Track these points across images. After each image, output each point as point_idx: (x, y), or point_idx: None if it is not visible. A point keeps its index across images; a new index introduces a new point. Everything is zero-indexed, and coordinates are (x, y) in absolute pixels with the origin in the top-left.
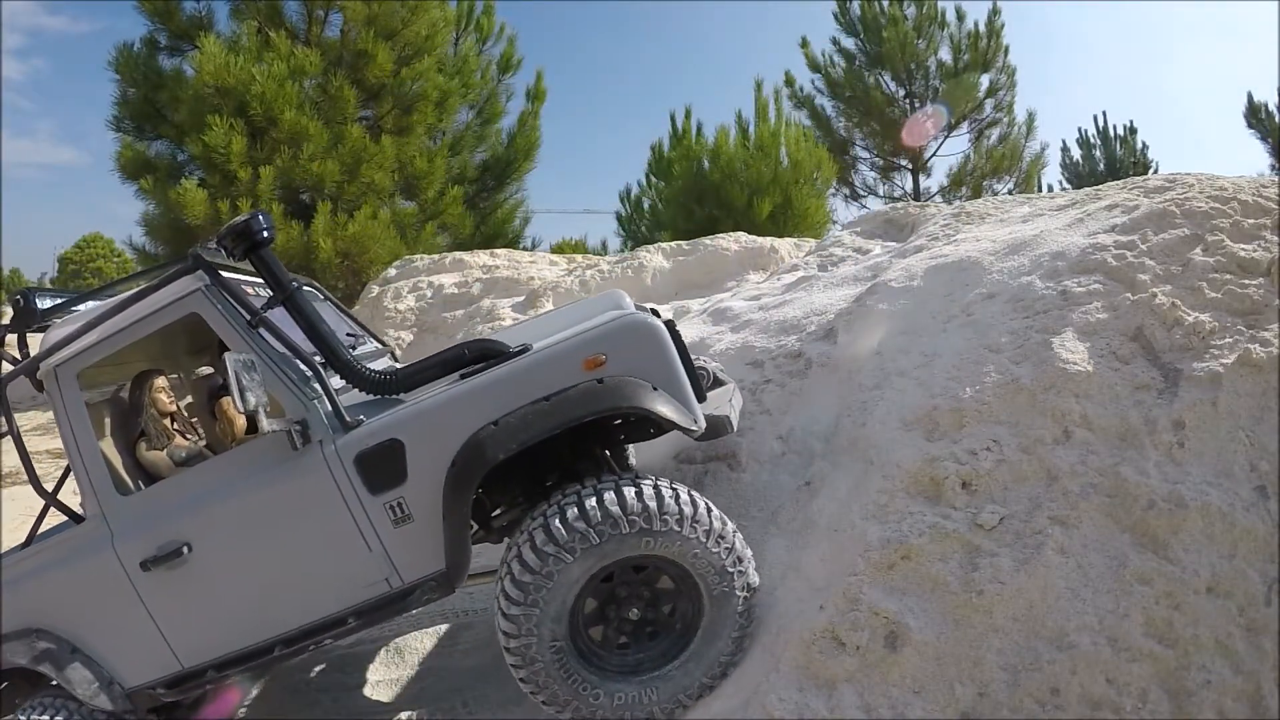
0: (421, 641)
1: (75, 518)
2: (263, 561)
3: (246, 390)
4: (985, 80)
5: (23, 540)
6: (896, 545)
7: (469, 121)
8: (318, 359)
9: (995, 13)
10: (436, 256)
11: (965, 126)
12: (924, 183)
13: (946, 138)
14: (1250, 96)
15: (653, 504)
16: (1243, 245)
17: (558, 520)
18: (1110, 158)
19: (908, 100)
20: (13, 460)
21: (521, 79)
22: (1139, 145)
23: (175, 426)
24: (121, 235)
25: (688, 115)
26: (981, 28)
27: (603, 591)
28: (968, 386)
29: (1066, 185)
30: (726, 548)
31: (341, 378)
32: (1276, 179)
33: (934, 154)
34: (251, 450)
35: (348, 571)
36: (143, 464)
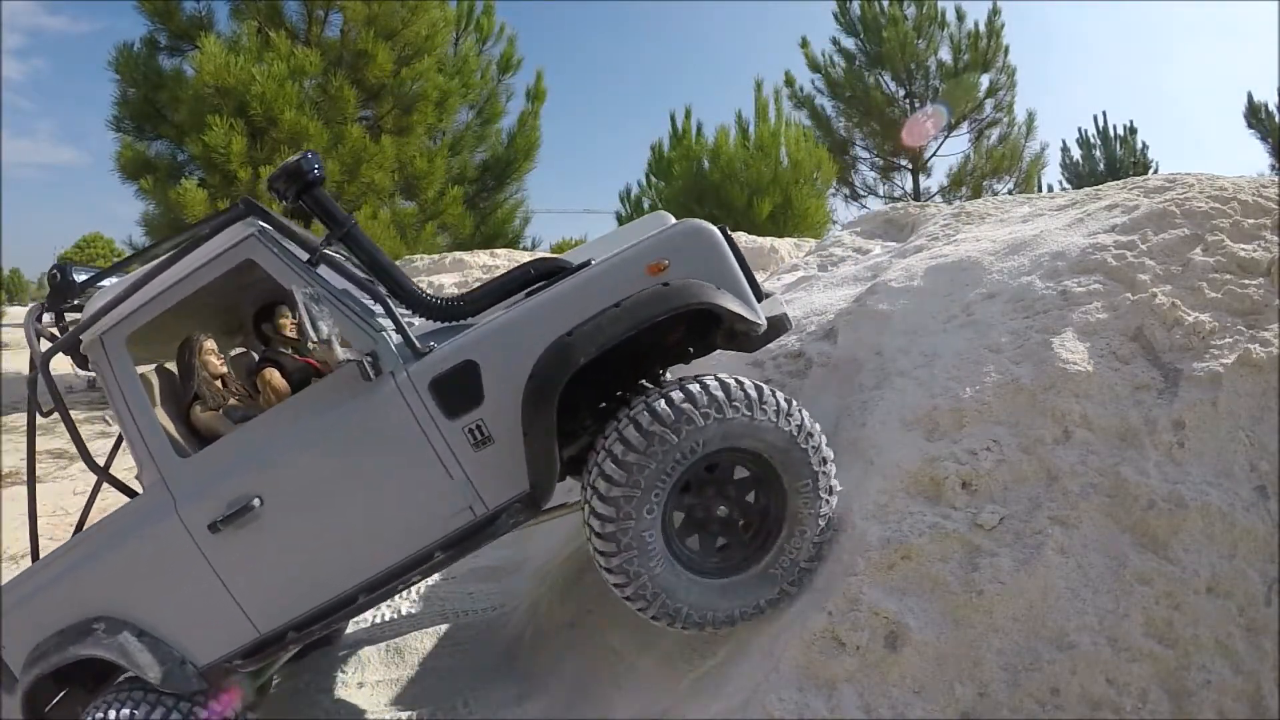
0: (421, 641)
1: (130, 492)
2: (340, 505)
3: (317, 320)
4: (985, 80)
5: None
6: (896, 545)
7: (469, 121)
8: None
9: (995, 13)
10: (436, 256)
11: (965, 126)
12: (924, 183)
13: (946, 138)
14: (1250, 96)
15: (720, 393)
16: (1243, 245)
17: (632, 429)
18: (1110, 158)
19: (908, 100)
20: (12, 460)
21: (521, 79)
22: (1139, 145)
23: (227, 389)
24: (121, 235)
25: (688, 115)
26: (981, 28)
27: (685, 498)
28: (968, 386)
29: (1066, 185)
30: (806, 434)
31: (407, 307)
32: (1276, 179)
33: (934, 154)
34: (318, 392)
35: (430, 504)
36: (199, 427)
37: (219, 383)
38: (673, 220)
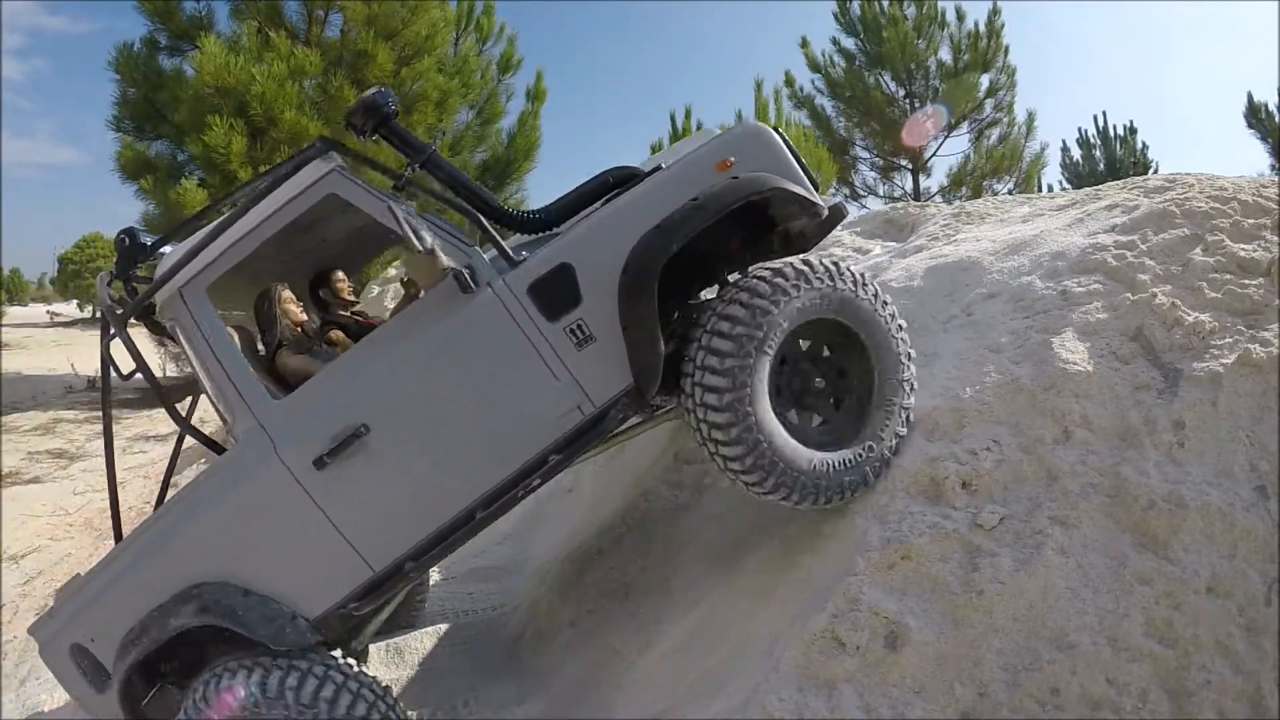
0: (421, 641)
1: (218, 448)
2: (451, 420)
3: (419, 230)
4: (985, 80)
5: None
6: (896, 545)
7: (469, 121)
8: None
9: (995, 13)
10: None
11: (965, 126)
12: (924, 183)
13: (946, 138)
14: (1250, 96)
15: (805, 268)
16: (1243, 245)
17: (735, 305)
18: (1110, 158)
19: (908, 100)
20: (12, 460)
21: (521, 79)
22: (1139, 145)
23: (309, 336)
24: None
25: (688, 115)
26: (981, 28)
27: (781, 372)
28: (968, 386)
29: (1066, 185)
30: (882, 302)
31: (495, 221)
32: (1276, 179)
33: (934, 154)
34: (414, 314)
35: (539, 408)
36: (287, 373)
37: (299, 329)
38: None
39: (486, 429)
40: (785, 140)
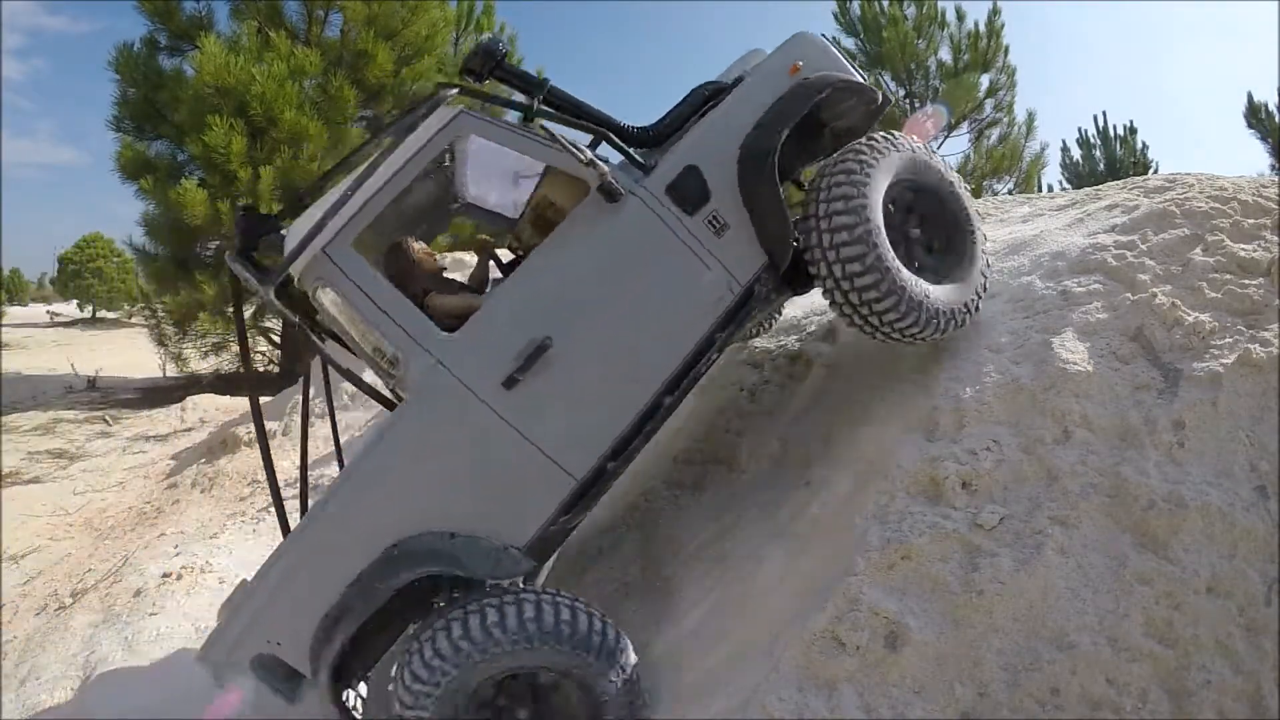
0: None
1: (390, 403)
2: (625, 319)
3: (577, 143)
4: (985, 80)
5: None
6: (896, 545)
7: None
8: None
9: (995, 13)
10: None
11: (965, 126)
12: None
13: (947, 138)
14: (1250, 96)
15: (885, 139)
16: (1243, 245)
17: (838, 183)
18: (1110, 158)
19: (908, 100)
20: (12, 460)
21: None
22: (1139, 145)
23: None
24: (121, 235)
25: None
26: (981, 28)
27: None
28: (968, 386)
29: (1066, 185)
30: (947, 168)
31: (619, 138)
32: (1276, 179)
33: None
34: (565, 232)
35: (697, 295)
36: (444, 313)
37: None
38: (766, 52)
39: (656, 321)
40: (836, 45)
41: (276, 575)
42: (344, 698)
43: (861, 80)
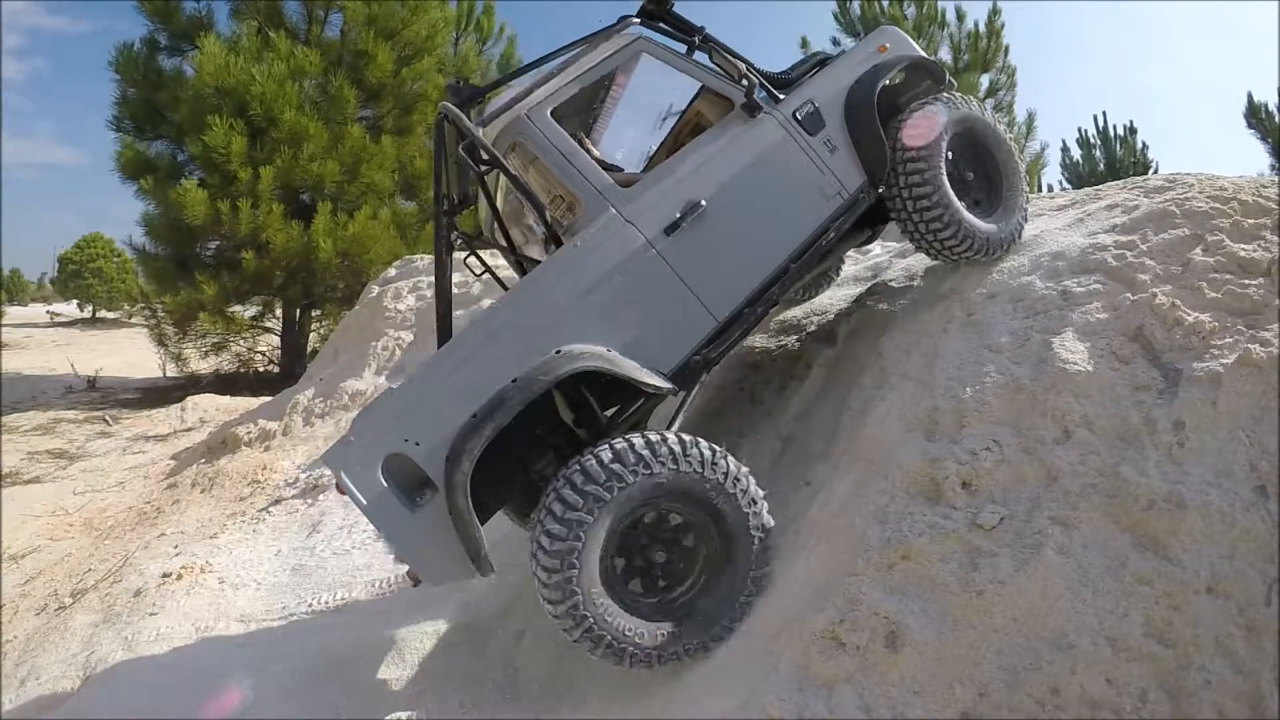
0: (421, 641)
1: (556, 240)
2: (760, 200)
3: (737, 58)
4: (985, 80)
5: None
6: (896, 545)
7: None
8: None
9: (995, 13)
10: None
11: None
12: None
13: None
14: (1250, 96)
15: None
16: (1243, 245)
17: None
18: (1110, 158)
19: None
20: (12, 460)
21: None
22: (1139, 145)
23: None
24: (121, 235)
25: None
26: (981, 28)
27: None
28: (968, 386)
29: (1066, 185)
30: (994, 117)
31: (761, 77)
32: (1276, 179)
33: None
34: (714, 133)
35: (815, 189)
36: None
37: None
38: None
39: (784, 204)
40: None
41: (433, 374)
42: (463, 509)
43: (932, 59)
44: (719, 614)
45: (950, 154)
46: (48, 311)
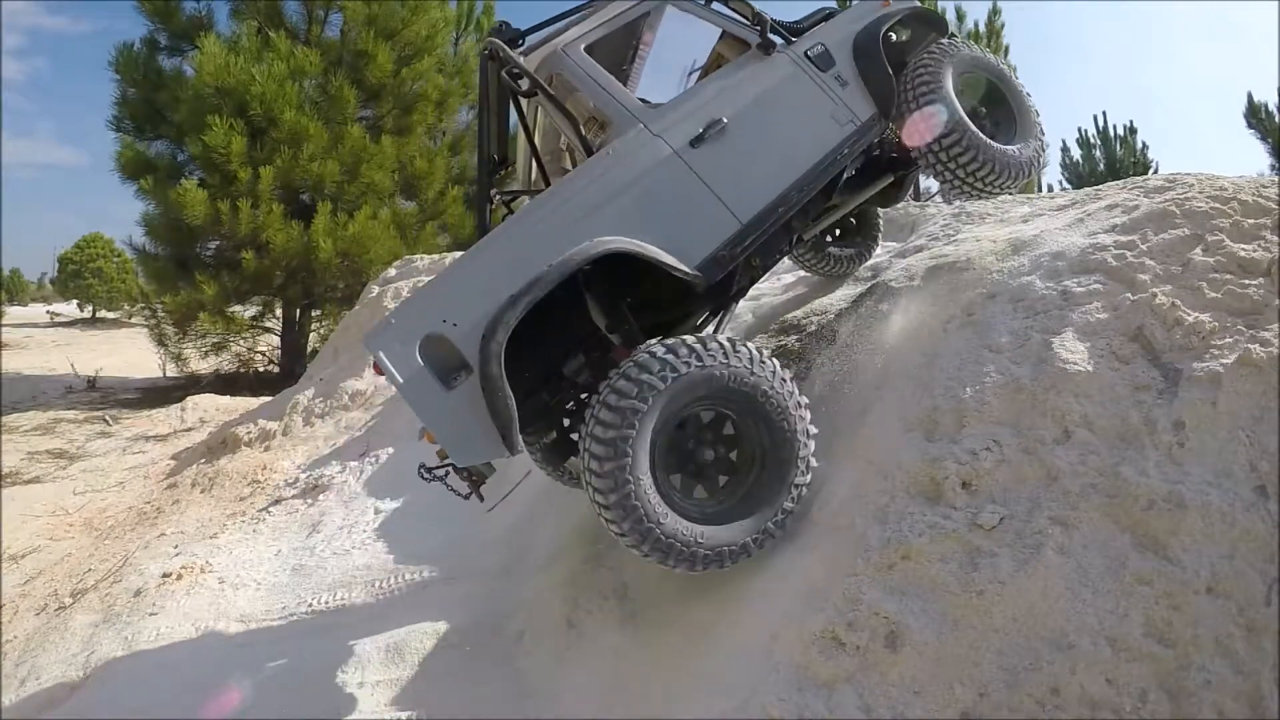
0: (421, 641)
1: (590, 155)
2: (778, 122)
3: (749, 14)
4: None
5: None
6: (896, 545)
7: (469, 121)
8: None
9: (995, 13)
10: (436, 256)
11: None
12: (924, 182)
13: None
14: (1250, 96)
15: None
16: (1243, 245)
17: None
18: (1110, 158)
19: None
20: (12, 460)
21: None
22: (1139, 145)
23: None
24: (121, 235)
25: None
26: (981, 28)
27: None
28: (968, 386)
29: (1066, 185)
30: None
31: (778, 25)
32: (1276, 179)
33: None
34: (734, 66)
35: (828, 115)
36: None
37: None
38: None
39: (799, 126)
40: None
41: (472, 261)
42: (498, 377)
43: (932, 10)
44: (762, 519)
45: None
46: (48, 311)
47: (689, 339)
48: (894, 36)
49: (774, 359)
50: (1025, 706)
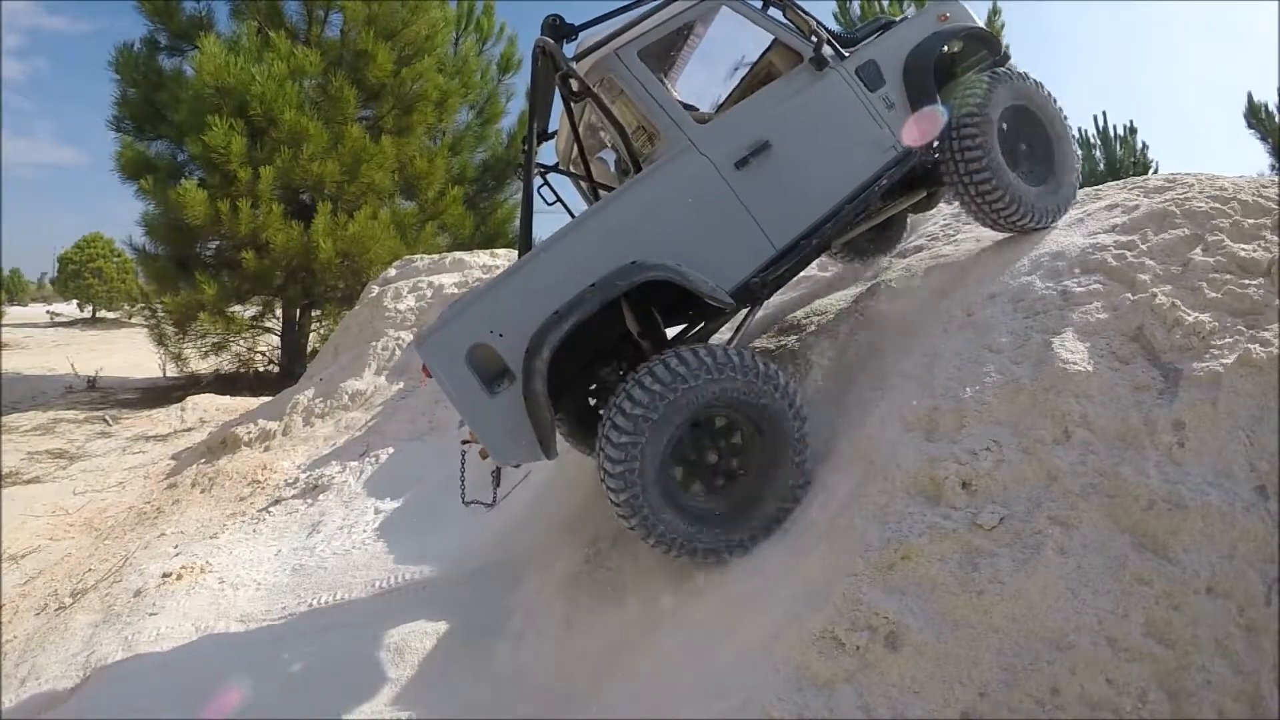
0: (421, 641)
1: (638, 166)
2: (822, 144)
3: (808, 15)
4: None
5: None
6: (896, 545)
7: (469, 121)
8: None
9: (995, 13)
10: (436, 256)
11: None
12: None
13: None
14: (1250, 96)
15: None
16: (1243, 245)
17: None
18: (1110, 158)
19: None
20: (12, 460)
21: (522, 79)
22: (1139, 145)
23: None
24: (121, 235)
25: None
26: None
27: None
28: (968, 387)
29: None
30: (1047, 92)
31: (831, 36)
32: (1276, 179)
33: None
34: (783, 82)
35: (871, 140)
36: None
37: None
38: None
39: (842, 151)
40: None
41: (520, 274)
42: (540, 393)
43: (988, 31)
44: (761, 519)
45: (1004, 126)
46: (48, 311)
47: (703, 351)
48: (945, 48)
49: (784, 373)
50: (1025, 706)
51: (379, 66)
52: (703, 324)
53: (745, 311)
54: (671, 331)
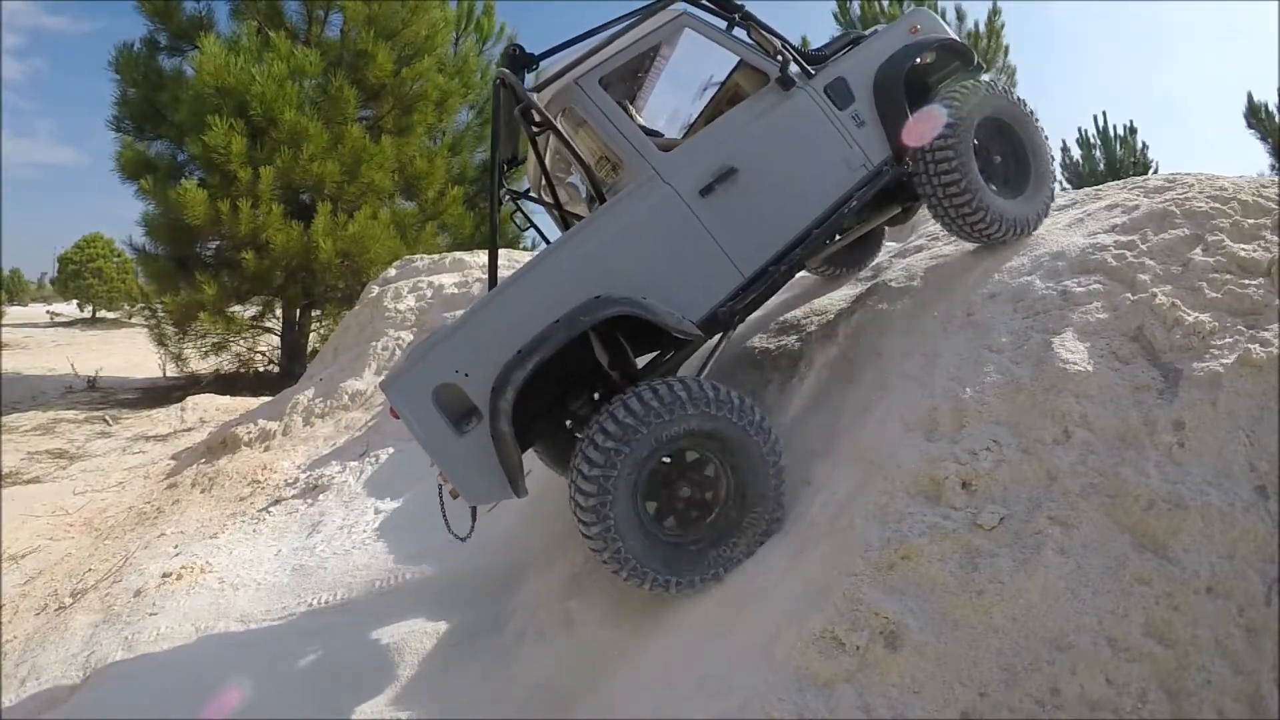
0: (421, 641)
1: (601, 198)
2: (789, 168)
3: (774, 34)
4: (985, 80)
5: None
6: (896, 545)
7: (469, 121)
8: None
9: (995, 13)
10: (436, 256)
11: None
12: None
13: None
14: (1250, 96)
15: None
16: (1243, 245)
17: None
18: (1110, 158)
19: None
20: (12, 460)
21: None
22: (1139, 145)
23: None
24: (121, 235)
25: None
26: (981, 28)
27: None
28: (968, 387)
29: (1066, 185)
30: (1030, 109)
31: (798, 54)
32: (1276, 179)
33: None
34: (750, 104)
35: (841, 160)
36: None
37: None
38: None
39: (811, 173)
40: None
41: (483, 312)
42: (506, 433)
43: (961, 42)
44: (736, 549)
45: (977, 140)
46: (48, 311)
47: (676, 385)
48: (917, 60)
49: (756, 407)
50: (1025, 706)
51: (379, 66)
52: (673, 353)
53: (718, 339)
54: (647, 358)
